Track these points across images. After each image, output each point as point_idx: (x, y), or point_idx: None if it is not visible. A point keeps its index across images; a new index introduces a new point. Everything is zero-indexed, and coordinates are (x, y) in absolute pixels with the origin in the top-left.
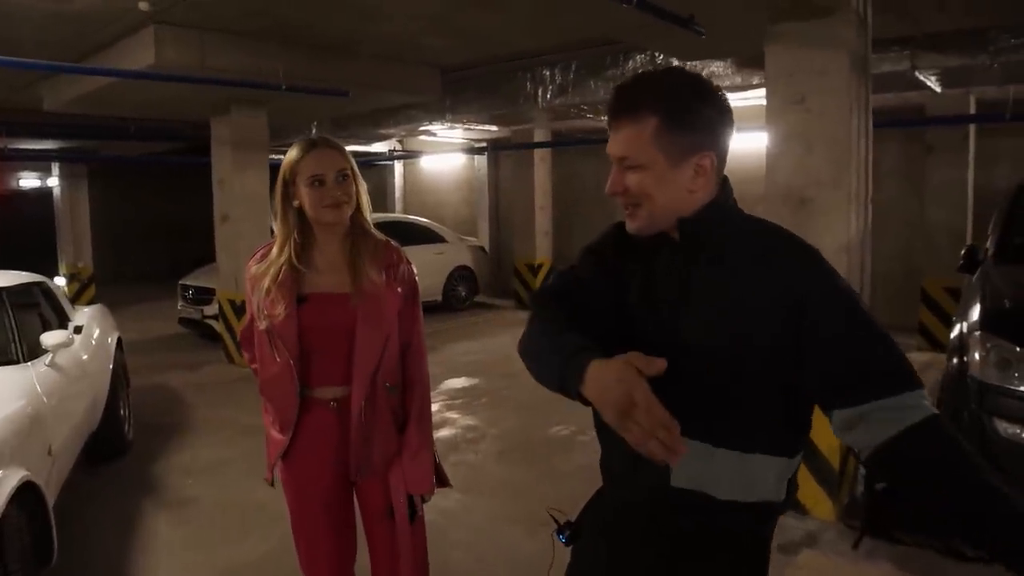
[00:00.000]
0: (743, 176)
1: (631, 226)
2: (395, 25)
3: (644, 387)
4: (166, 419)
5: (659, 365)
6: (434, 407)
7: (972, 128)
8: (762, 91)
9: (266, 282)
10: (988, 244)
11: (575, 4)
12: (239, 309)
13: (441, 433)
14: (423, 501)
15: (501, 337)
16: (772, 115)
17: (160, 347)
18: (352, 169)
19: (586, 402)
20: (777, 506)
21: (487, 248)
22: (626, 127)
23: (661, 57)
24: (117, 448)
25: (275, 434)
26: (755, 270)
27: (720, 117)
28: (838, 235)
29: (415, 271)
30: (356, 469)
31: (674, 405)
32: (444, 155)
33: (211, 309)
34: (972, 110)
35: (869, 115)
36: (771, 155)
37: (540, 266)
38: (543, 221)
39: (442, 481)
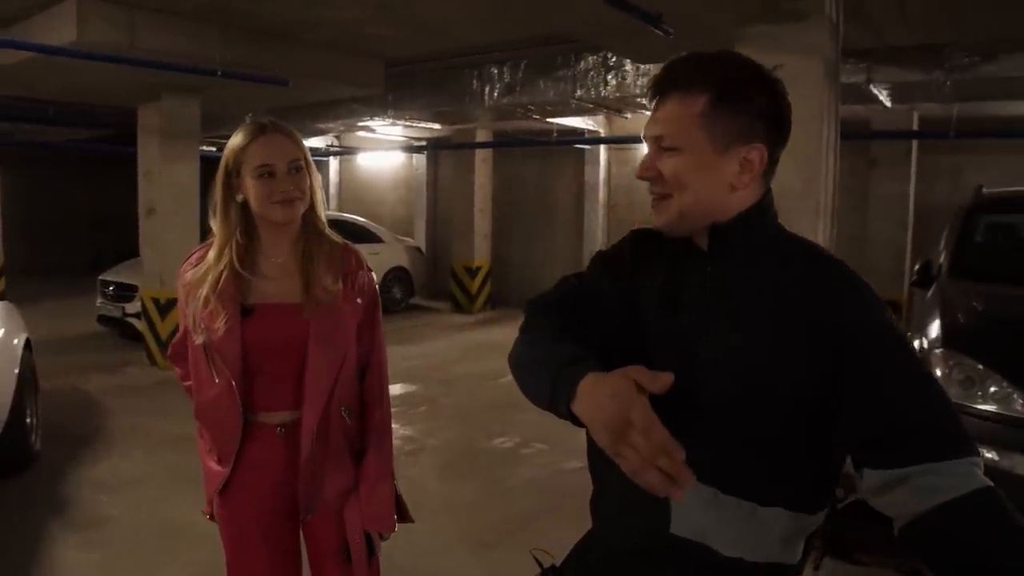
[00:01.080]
0: None
1: (657, 221)
2: (341, 11)
3: (644, 405)
4: (79, 427)
5: (664, 381)
6: None
7: (915, 144)
8: None
9: (204, 290)
10: (942, 259)
11: None
12: (164, 308)
13: None
14: (381, 539)
15: (438, 341)
16: None
17: (76, 347)
18: (306, 159)
19: (578, 422)
20: (790, 569)
21: (424, 249)
22: (672, 102)
23: (614, 59)
24: (22, 460)
25: (213, 465)
26: (795, 294)
27: (776, 110)
28: None
29: (375, 279)
30: (305, 505)
31: (682, 436)
32: (382, 153)
33: (133, 307)
34: (915, 126)
35: (838, 125)
36: None
37: (478, 268)
38: (483, 223)
39: (403, 516)
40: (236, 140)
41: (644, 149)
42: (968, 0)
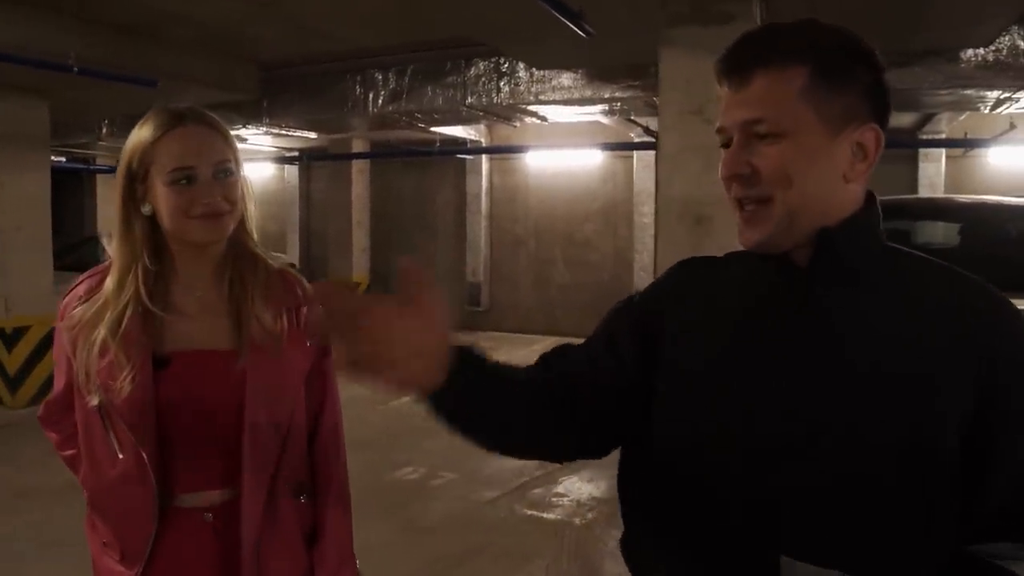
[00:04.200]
0: (576, 193)
1: (751, 236)
2: (217, 7)
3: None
4: None
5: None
6: None
7: None
8: (601, 106)
9: (99, 334)
10: None
11: None
12: (11, 338)
13: None
14: None
15: None
16: (667, 126)
17: None
18: (237, 161)
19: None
20: None
21: (298, 265)
22: (760, 80)
23: (507, 64)
24: None
25: (113, 565)
26: (936, 322)
27: (881, 86)
28: None
29: None
30: None
31: (795, 504)
32: (252, 164)
33: None
34: None
35: None
36: (664, 168)
37: (357, 285)
38: (361, 237)
39: None
40: (142, 133)
41: (527, 158)
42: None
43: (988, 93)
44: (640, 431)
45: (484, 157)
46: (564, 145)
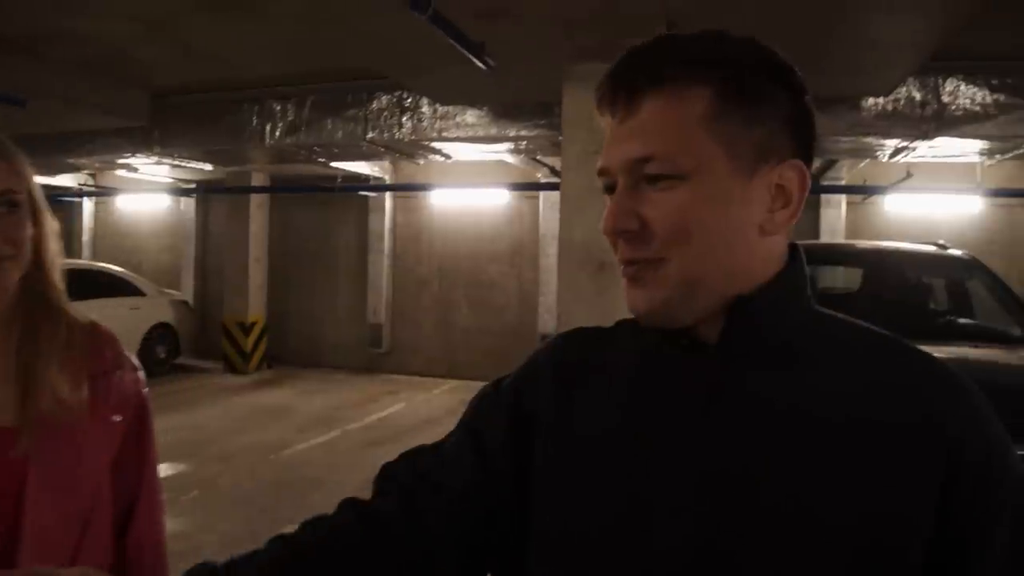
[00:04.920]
0: (481, 233)
1: (638, 305)
2: (102, 25)
3: None
4: None
5: None
6: None
7: None
8: (507, 145)
9: None
10: None
11: (348, 20)
12: None
13: None
14: None
15: (210, 408)
16: (569, 166)
17: None
18: (31, 192)
19: None
20: None
21: (192, 302)
22: (651, 105)
23: (410, 99)
24: None
25: None
26: (879, 406)
27: (804, 111)
28: None
29: (142, 377)
30: None
31: None
32: (145, 195)
33: None
34: None
35: None
36: (566, 210)
37: (253, 324)
38: (258, 274)
39: None
40: None
41: (432, 197)
42: None
43: (886, 141)
44: (513, 566)
45: (388, 195)
46: (470, 184)
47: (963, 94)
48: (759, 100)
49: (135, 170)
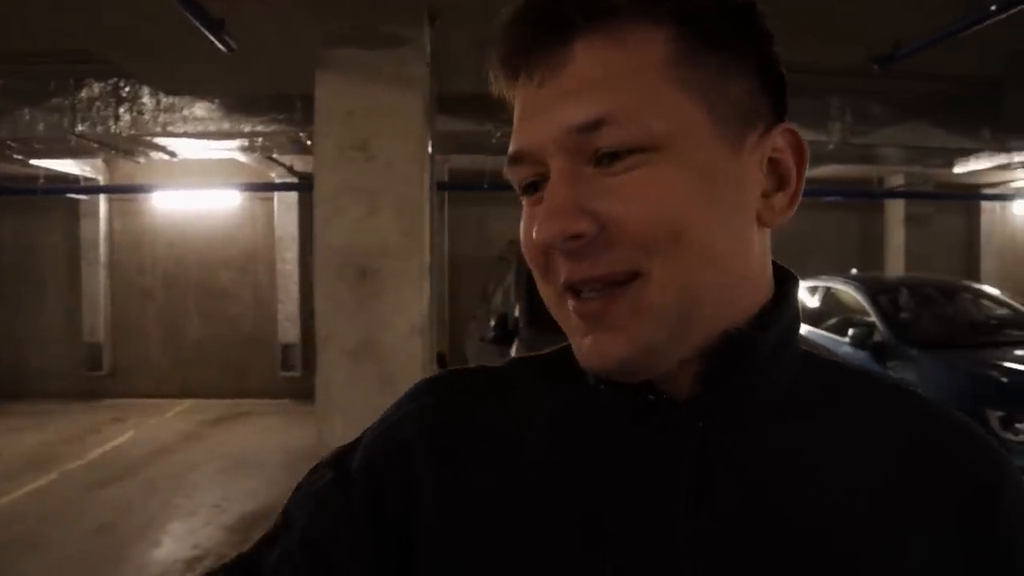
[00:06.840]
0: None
1: (611, 353)
2: None
3: None
4: None
5: None
6: None
7: (446, 196)
8: (239, 142)
9: None
10: (517, 312)
11: None
12: None
13: None
14: None
15: None
16: (323, 163)
17: None
18: None
19: None
20: None
21: None
22: (589, 50)
23: (128, 88)
24: None
25: None
26: (901, 476)
27: (774, 60)
28: (411, 315)
29: None
30: None
31: None
32: None
33: None
34: (446, 178)
35: (435, 172)
36: (322, 212)
37: None
38: None
39: None
40: None
41: (155, 199)
42: None
43: None
44: None
45: (102, 197)
46: (197, 185)
47: None
48: (726, 45)
49: None
